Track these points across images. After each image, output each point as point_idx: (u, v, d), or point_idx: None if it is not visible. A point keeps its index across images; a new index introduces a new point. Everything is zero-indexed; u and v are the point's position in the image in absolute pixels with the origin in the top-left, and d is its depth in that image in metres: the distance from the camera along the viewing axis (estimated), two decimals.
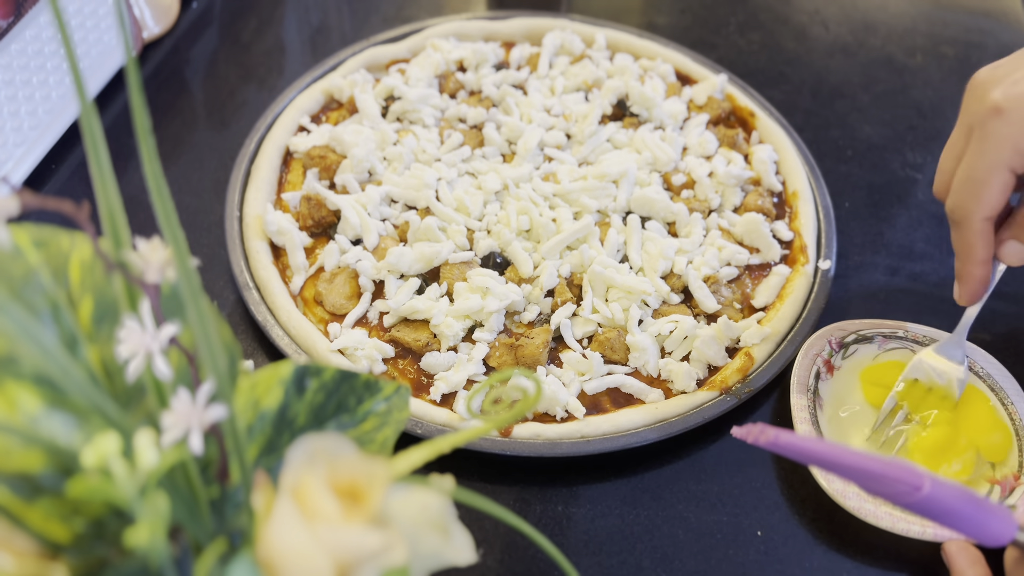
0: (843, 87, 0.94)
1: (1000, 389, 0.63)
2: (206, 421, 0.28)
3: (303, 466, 0.29)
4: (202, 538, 0.32)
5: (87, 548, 0.31)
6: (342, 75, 0.84)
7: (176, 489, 0.30)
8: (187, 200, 0.77)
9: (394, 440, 0.39)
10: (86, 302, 0.34)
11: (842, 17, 1.04)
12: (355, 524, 0.28)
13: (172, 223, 0.28)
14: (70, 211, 0.28)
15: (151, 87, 0.87)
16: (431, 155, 0.77)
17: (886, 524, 0.56)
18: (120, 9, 0.29)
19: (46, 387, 0.31)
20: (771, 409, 0.66)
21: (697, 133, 0.81)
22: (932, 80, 0.95)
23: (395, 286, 0.67)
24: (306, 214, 0.72)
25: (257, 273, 0.68)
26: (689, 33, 0.99)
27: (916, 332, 0.67)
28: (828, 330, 0.66)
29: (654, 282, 0.68)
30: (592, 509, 0.60)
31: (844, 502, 0.57)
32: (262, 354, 0.67)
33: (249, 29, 0.94)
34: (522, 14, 0.92)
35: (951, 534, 0.56)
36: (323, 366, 0.38)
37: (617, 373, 0.65)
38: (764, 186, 0.78)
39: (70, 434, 0.31)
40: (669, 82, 0.87)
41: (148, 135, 0.28)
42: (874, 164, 0.86)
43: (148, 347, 0.29)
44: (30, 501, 0.30)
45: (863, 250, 0.78)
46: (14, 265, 0.33)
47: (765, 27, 1.01)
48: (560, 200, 0.74)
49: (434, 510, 0.31)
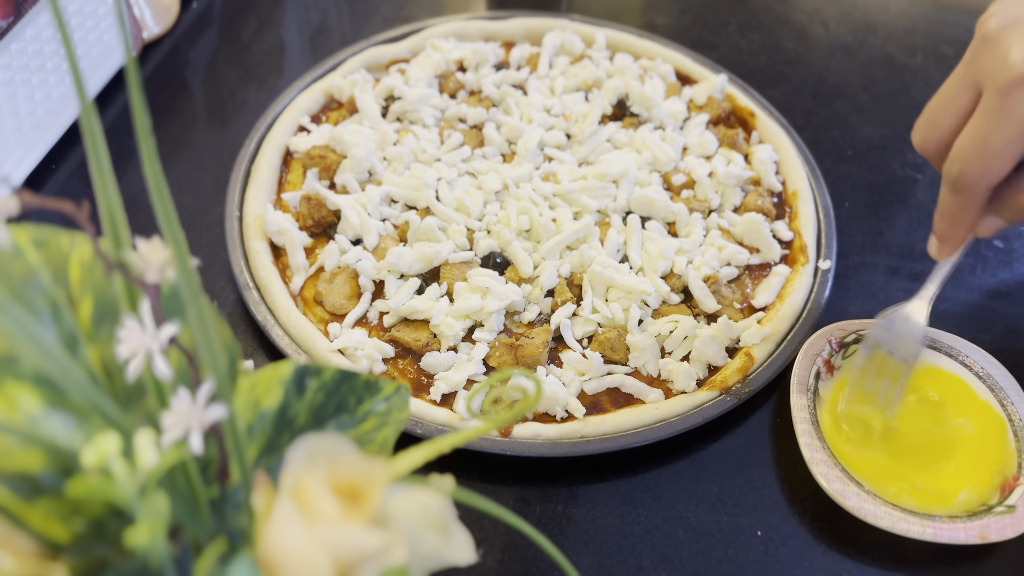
0: (843, 87, 0.94)
1: (1000, 389, 0.63)
2: (206, 421, 0.28)
3: (303, 466, 0.29)
4: (202, 538, 0.32)
5: (87, 548, 0.31)
6: (342, 75, 0.84)
7: (176, 489, 0.30)
8: (187, 200, 0.77)
9: (394, 440, 0.39)
10: (86, 302, 0.34)
11: (842, 17, 1.04)
12: (355, 524, 0.28)
13: (172, 223, 0.28)
14: (70, 211, 0.28)
15: (151, 87, 0.87)
16: (431, 155, 0.77)
17: (886, 524, 0.56)
18: (120, 9, 0.29)
19: (46, 387, 0.31)
20: (771, 409, 0.66)
21: (697, 133, 0.81)
22: (932, 80, 0.95)
23: (395, 286, 0.67)
24: (306, 214, 0.72)
25: (257, 273, 0.68)
26: (689, 33, 0.99)
27: None
28: (828, 330, 0.66)
29: (654, 282, 0.68)
30: (592, 509, 0.60)
31: (844, 502, 0.57)
32: (262, 354, 0.67)
33: (249, 29, 0.94)
34: (522, 14, 0.92)
35: (951, 535, 0.56)
36: (323, 366, 0.38)
37: (617, 373, 0.65)
38: (764, 186, 0.78)
39: (70, 434, 0.31)
40: (669, 82, 0.87)
41: (148, 135, 0.28)
42: (874, 164, 0.86)
43: (148, 347, 0.29)
44: (30, 501, 0.30)
45: (863, 250, 0.78)
46: (14, 265, 0.33)
47: (765, 27, 1.01)
48: (560, 200, 0.74)
49: (434, 510, 0.31)
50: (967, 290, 0.75)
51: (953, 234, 0.56)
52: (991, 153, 0.49)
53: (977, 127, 0.50)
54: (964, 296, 0.75)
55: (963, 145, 0.51)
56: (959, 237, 0.56)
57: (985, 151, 0.49)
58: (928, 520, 0.56)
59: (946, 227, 0.55)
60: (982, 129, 0.50)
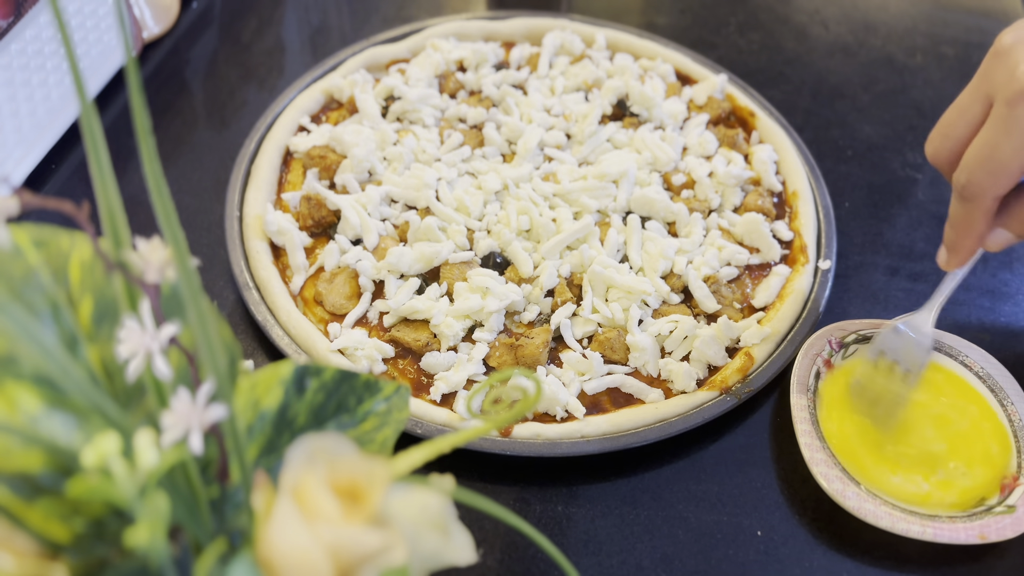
0: (843, 87, 0.94)
1: (1000, 389, 0.63)
2: (206, 421, 0.28)
3: (303, 466, 0.29)
4: (202, 538, 0.32)
5: (87, 548, 0.31)
6: (342, 75, 0.84)
7: (176, 489, 0.30)
8: (187, 200, 0.77)
9: (394, 440, 0.39)
10: (86, 302, 0.34)
11: (842, 17, 1.04)
12: (355, 524, 0.28)
13: (172, 223, 0.28)
14: (70, 211, 0.28)
15: (151, 87, 0.87)
16: (431, 155, 0.77)
17: (886, 524, 0.56)
18: (120, 9, 0.29)
19: (46, 387, 0.31)
20: (771, 409, 0.66)
21: (697, 133, 0.81)
22: (932, 80, 0.95)
23: (395, 286, 0.67)
24: (306, 214, 0.72)
25: (257, 273, 0.68)
26: (689, 33, 0.99)
27: None
28: (828, 330, 0.66)
29: (654, 282, 0.68)
30: (592, 509, 0.60)
31: (844, 502, 0.57)
32: (262, 354, 0.67)
33: (249, 29, 0.94)
34: (522, 14, 0.92)
35: (951, 535, 0.56)
36: (323, 366, 0.38)
37: (617, 373, 0.65)
38: (764, 186, 0.78)
39: (70, 434, 0.31)
40: (669, 82, 0.87)
41: (148, 135, 0.28)
42: (874, 164, 0.86)
43: (148, 347, 0.29)
44: (30, 501, 0.30)
45: (863, 250, 0.78)
46: (14, 265, 0.33)
47: (765, 27, 1.01)
48: (560, 200, 0.74)
49: (434, 510, 0.31)
50: (967, 290, 0.75)
51: (961, 244, 0.56)
52: (998, 163, 0.50)
53: (985, 138, 0.51)
54: (964, 296, 0.75)
55: (971, 155, 0.52)
56: (967, 248, 0.56)
57: (992, 160, 0.50)
58: (928, 520, 0.56)
59: (955, 237, 0.56)
60: (990, 139, 0.51)
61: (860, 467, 0.60)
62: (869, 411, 0.62)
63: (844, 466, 0.59)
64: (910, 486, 0.59)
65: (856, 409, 0.62)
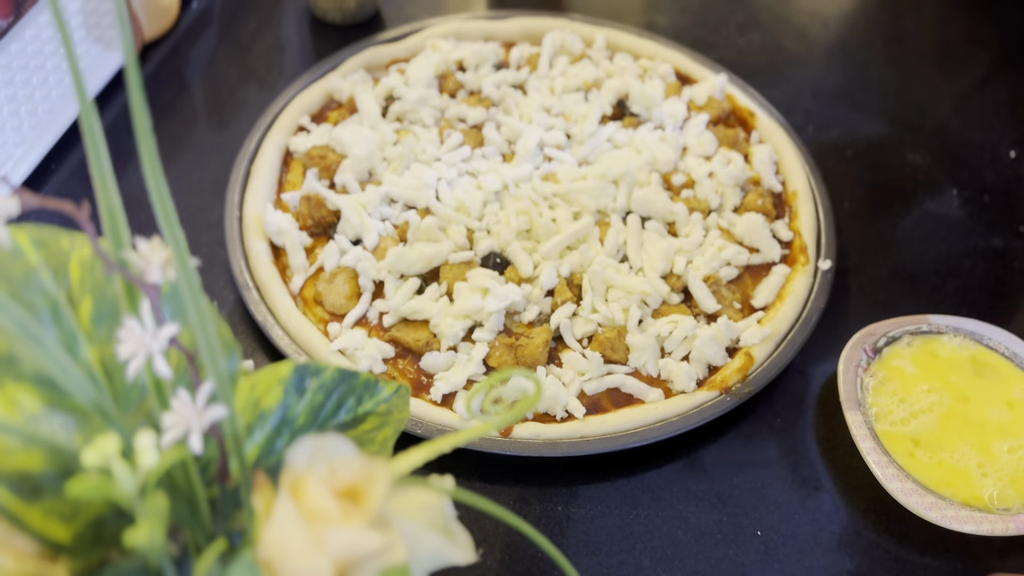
0: (843, 87, 0.94)
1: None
2: (206, 421, 0.28)
3: (303, 466, 0.29)
4: (202, 538, 0.32)
5: (87, 548, 0.31)
6: (342, 75, 0.84)
7: (176, 489, 0.30)
8: (187, 200, 0.77)
9: (394, 440, 0.39)
10: (86, 302, 0.34)
11: (842, 17, 1.04)
12: (355, 524, 0.28)
13: (172, 223, 0.28)
14: (70, 211, 0.28)
15: (151, 87, 0.87)
16: (431, 155, 0.77)
17: (985, 529, 0.55)
18: (120, 9, 0.29)
19: (46, 387, 0.31)
20: (771, 409, 0.66)
21: (697, 133, 0.81)
22: (932, 80, 0.95)
23: (395, 286, 0.67)
24: (306, 214, 0.72)
25: (257, 273, 0.68)
26: (689, 33, 0.99)
27: (939, 324, 0.66)
28: (859, 338, 0.65)
29: (654, 282, 0.68)
30: (592, 509, 0.60)
31: (944, 525, 0.56)
32: (262, 354, 0.67)
33: (249, 29, 0.94)
34: (522, 14, 0.92)
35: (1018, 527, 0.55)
36: (323, 366, 0.38)
37: (617, 373, 0.65)
38: (764, 186, 0.78)
39: (70, 434, 0.31)
40: (669, 82, 0.87)
41: (148, 135, 0.28)
42: (874, 164, 0.86)
43: (148, 347, 0.29)
44: (30, 501, 0.30)
45: (863, 250, 0.78)
46: (14, 265, 0.33)
47: (765, 27, 1.01)
48: (560, 200, 0.74)
49: (434, 510, 0.31)
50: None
51: None
52: None
53: None
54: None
55: None
56: None
57: None
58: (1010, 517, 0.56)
59: None
60: None
61: (920, 469, 0.59)
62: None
63: (916, 478, 0.58)
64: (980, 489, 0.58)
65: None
